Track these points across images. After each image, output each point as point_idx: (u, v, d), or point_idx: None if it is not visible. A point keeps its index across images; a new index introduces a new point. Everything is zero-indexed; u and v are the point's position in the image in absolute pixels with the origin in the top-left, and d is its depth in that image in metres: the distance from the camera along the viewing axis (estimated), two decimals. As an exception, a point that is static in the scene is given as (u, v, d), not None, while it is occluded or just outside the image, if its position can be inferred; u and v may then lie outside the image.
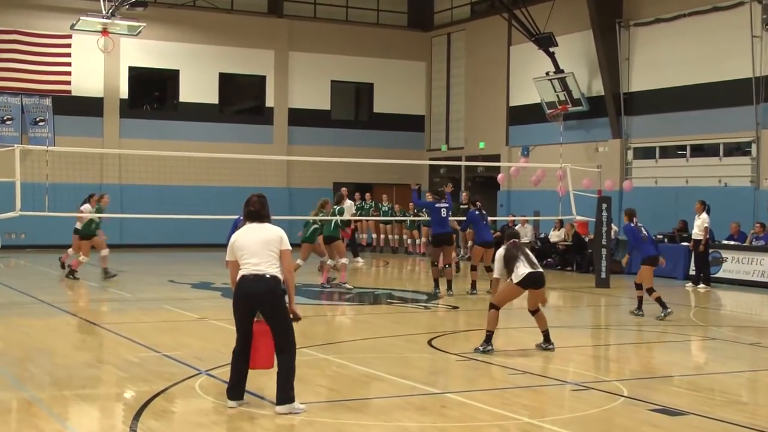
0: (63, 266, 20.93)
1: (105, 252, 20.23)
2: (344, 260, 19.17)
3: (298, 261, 18.11)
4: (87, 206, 20.08)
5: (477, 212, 19.29)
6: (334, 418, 8.23)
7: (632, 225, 16.06)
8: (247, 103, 35.03)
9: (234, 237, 8.58)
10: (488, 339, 11.77)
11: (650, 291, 15.75)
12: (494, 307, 11.93)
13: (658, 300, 15.46)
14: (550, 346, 12.05)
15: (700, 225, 21.23)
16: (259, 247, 8.38)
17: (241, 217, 13.25)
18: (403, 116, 35.87)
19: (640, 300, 15.95)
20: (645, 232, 16.14)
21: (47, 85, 30.53)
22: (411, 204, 31.51)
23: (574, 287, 21.24)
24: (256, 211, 8.60)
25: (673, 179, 25.71)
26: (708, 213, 21.22)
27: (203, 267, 19.76)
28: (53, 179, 18.86)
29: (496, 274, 12.32)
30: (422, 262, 27.52)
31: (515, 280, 11.89)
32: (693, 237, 21.65)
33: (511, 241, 12.27)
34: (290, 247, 8.53)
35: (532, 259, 12.17)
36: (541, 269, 12.23)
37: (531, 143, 30.58)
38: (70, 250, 20.56)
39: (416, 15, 36.57)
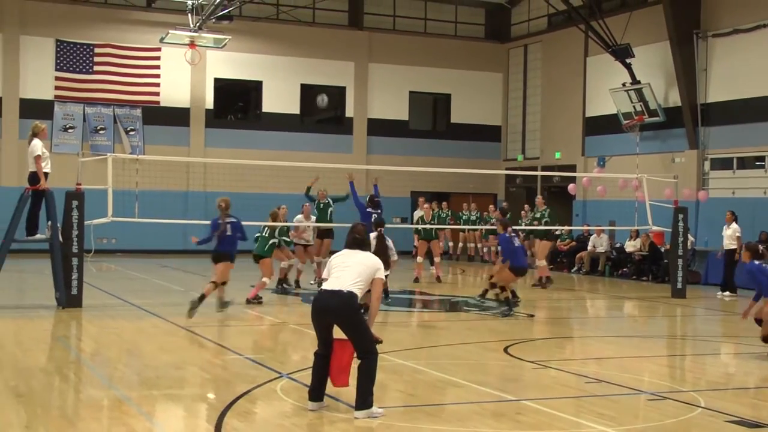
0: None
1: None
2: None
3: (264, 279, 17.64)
4: (300, 216, 20.36)
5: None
6: (411, 422, 8.23)
7: (507, 235, 16.45)
8: (327, 113, 35.28)
9: (333, 257, 8.77)
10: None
11: (502, 289, 16.38)
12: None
13: (506, 299, 16.20)
14: None
15: (731, 235, 20.90)
16: (352, 268, 8.49)
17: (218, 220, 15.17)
18: (479, 126, 35.76)
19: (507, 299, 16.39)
20: (518, 243, 16.70)
21: (138, 96, 31.19)
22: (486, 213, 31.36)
23: (650, 297, 20.92)
24: (361, 238, 8.78)
25: (751, 190, 25.17)
26: (737, 222, 21.09)
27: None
28: (142, 186, 19.22)
29: None
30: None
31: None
32: (725, 247, 21.23)
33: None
34: (384, 278, 8.67)
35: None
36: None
37: (607, 154, 30.24)
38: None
39: (493, 27, 36.47)
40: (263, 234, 18.14)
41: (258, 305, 17.03)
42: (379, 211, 18.26)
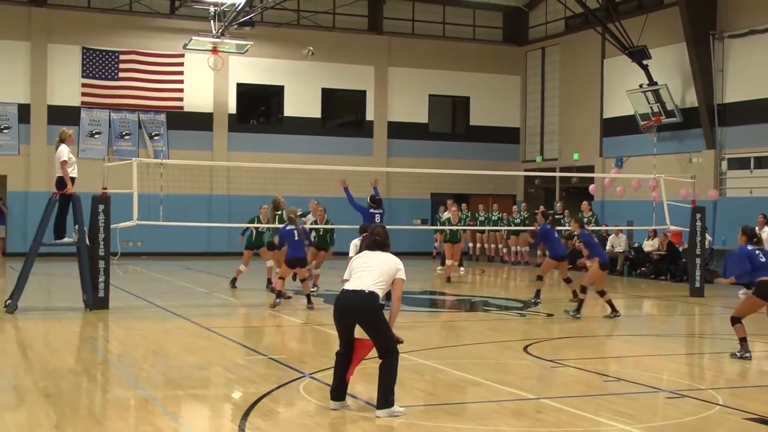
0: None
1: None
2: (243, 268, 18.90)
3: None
4: (310, 216, 20.31)
5: (549, 226, 18.73)
6: (432, 421, 8.23)
7: (586, 232, 16.58)
8: (348, 116, 35.32)
9: (354, 258, 8.78)
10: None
11: (602, 293, 16.19)
12: None
13: (609, 302, 16.03)
14: None
15: (765, 239, 20.66)
16: (373, 268, 8.50)
17: (288, 227, 16.41)
18: (498, 128, 35.70)
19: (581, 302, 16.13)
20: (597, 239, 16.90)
21: (162, 101, 31.34)
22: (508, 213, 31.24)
23: (668, 296, 20.81)
24: (381, 240, 8.76)
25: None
26: None
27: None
28: (167, 190, 19.27)
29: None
30: (520, 270, 27.33)
31: None
32: None
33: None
34: (404, 278, 8.61)
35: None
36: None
37: (625, 154, 30.12)
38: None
39: (511, 30, 36.40)
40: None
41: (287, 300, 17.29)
42: (381, 211, 18.16)
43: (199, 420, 8.66)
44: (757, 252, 11.89)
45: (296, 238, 16.63)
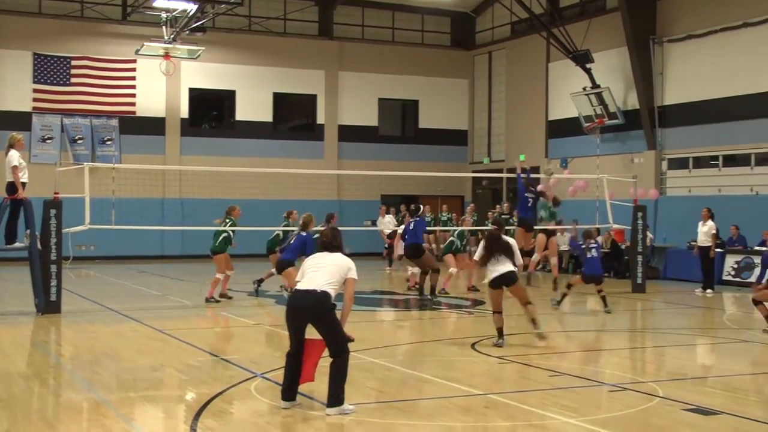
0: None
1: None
2: (230, 272, 18.05)
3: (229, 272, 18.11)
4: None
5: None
6: (382, 418, 8.23)
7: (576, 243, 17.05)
8: (299, 120, 35.23)
9: (307, 260, 8.80)
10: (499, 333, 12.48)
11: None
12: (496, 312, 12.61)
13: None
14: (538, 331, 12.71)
15: (707, 232, 20.90)
16: (325, 269, 8.50)
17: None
18: (446, 131, 35.86)
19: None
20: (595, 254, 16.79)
21: (114, 106, 31.02)
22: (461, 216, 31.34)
23: (612, 292, 20.91)
24: (329, 241, 8.79)
25: (706, 188, 25.39)
26: (713, 220, 21.00)
27: (257, 276, 19.76)
28: (119, 194, 19.04)
29: (476, 257, 12.76)
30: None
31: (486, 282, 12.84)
32: (699, 244, 21.17)
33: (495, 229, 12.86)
34: (356, 278, 8.62)
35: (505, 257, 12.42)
36: (510, 268, 12.31)
37: (569, 155, 30.41)
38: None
39: (459, 35, 36.57)
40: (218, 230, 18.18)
41: (216, 304, 17.27)
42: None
43: (152, 421, 8.57)
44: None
45: (291, 241, 16.97)
